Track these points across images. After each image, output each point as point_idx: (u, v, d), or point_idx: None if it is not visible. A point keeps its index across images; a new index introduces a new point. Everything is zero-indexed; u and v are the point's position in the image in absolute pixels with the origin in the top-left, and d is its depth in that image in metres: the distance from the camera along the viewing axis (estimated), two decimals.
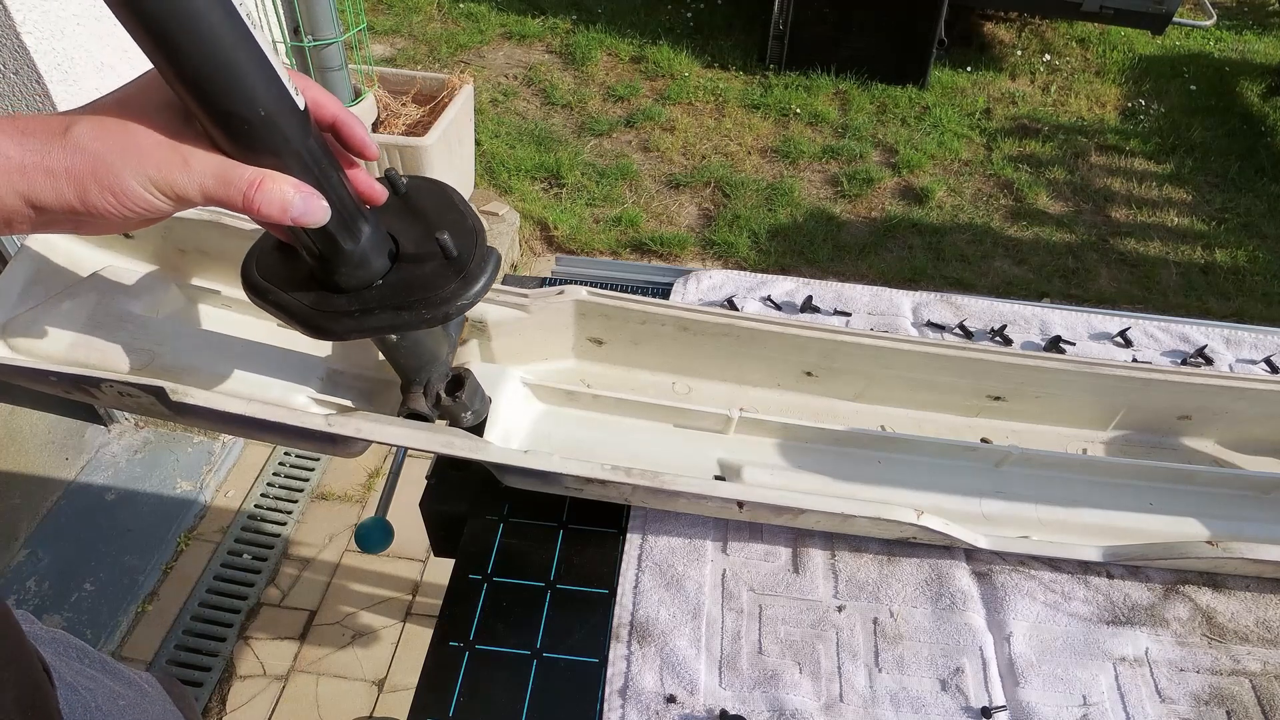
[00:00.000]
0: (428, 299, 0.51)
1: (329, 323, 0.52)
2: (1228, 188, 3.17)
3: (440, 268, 0.51)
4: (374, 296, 0.51)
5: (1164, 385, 0.79)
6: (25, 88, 1.44)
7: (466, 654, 0.63)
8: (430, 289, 0.51)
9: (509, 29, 3.84)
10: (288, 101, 0.42)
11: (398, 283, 0.52)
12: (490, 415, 0.70)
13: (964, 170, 3.16)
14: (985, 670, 0.63)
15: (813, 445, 0.77)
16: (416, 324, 0.51)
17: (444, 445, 0.62)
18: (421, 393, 0.64)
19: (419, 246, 0.53)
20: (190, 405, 0.58)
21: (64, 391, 0.63)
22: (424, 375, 0.65)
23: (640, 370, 0.83)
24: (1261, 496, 0.78)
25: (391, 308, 0.51)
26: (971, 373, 0.79)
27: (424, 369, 0.64)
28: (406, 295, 0.51)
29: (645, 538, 0.70)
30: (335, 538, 1.78)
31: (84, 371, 0.60)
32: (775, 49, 3.57)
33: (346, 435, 0.60)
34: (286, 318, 0.52)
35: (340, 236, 0.48)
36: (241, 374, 0.69)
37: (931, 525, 0.65)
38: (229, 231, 0.70)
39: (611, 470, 0.62)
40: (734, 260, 2.69)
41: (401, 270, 0.52)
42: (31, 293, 0.67)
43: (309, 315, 0.52)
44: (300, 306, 0.52)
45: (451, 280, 0.51)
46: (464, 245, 0.51)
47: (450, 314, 0.51)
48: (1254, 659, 0.66)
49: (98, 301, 0.69)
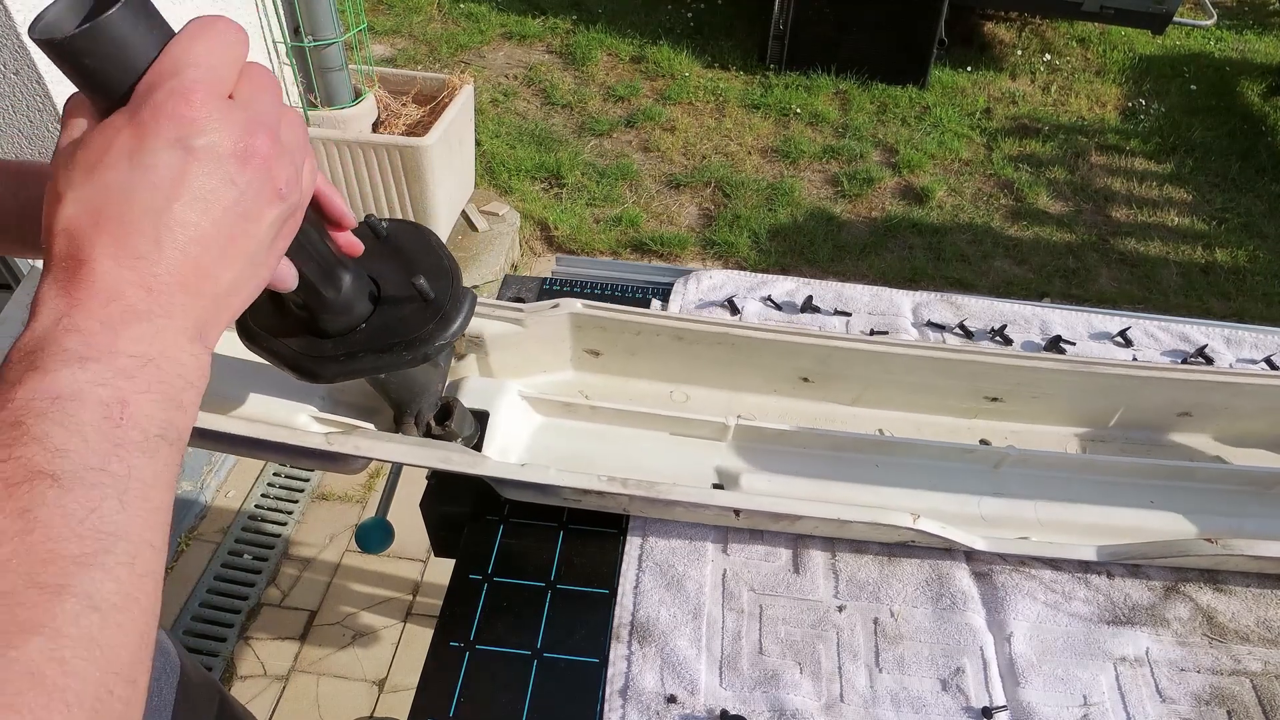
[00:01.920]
0: (407, 341, 0.53)
1: (317, 367, 0.54)
2: (1228, 188, 3.17)
3: (419, 310, 0.54)
4: (358, 340, 0.54)
5: (1161, 383, 0.79)
6: (25, 88, 1.44)
7: (467, 654, 0.63)
8: (409, 331, 0.54)
9: (509, 29, 3.84)
10: None
11: (379, 326, 0.54)
12: (489, 429, 0.71)
13: (964, 170, 3.16)
14: (986, 670, 0.63)
15: (810, 450, 0.77)
16: (398, 365, 0.54)
17: (442, 461, 0.63)
18: (413, 422, 0.67)
19: (399, 290, 0.55)
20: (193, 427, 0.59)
21: None
22: (414, 407, 0.67)
23: (638, 380, 0.83)
24: (1263, 492, 0.78)
25: (374, 350, 0.54)
26: (968, 374, 0.79)
27: (415, 401, 0.67)
28: (388, 338, 0.54)
29: (646, 538, 0.70)
30: (335, 538, 1.78)
31: None
32: (775, 49, 3.57)
33: (346, 453, 0.62)
34: (278, 362, 0.55)
35: (322, 287, 0.50)
36: (243, 395, 0.70)
37: (928, 529, 0.65)
38: None
39: (608, 481, 0.63)
40: (734, 260, 2.69)
41: (383, 313, 0.55)
42: None
43: (298, 360, 0.54)
44: (290, 352, 0.54)
45: (429, 321, 0.54)
46: (440, 287, 0.54)
47: (429, 354, 0.54)
48: (1255, 659, 0.66)
49: None
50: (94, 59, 0.33)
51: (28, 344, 0.32)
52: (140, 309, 0.33)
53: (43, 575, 0.27)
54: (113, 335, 0.32)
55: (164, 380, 0.34)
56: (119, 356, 0.32)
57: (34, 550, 0.28)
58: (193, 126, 0.33)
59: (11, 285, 1.79)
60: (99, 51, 0.33)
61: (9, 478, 0.28)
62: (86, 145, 0.34)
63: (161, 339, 0.34)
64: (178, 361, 0.35)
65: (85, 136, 0.34)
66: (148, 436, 0.33)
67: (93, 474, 0.30)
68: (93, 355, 0.32)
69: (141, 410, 0.32)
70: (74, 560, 0.28)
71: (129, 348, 0.33)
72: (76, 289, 0.32)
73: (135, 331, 0.33)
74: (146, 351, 0.33)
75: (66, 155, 0.34)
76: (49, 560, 0.28)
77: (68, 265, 0.33)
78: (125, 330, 0.33)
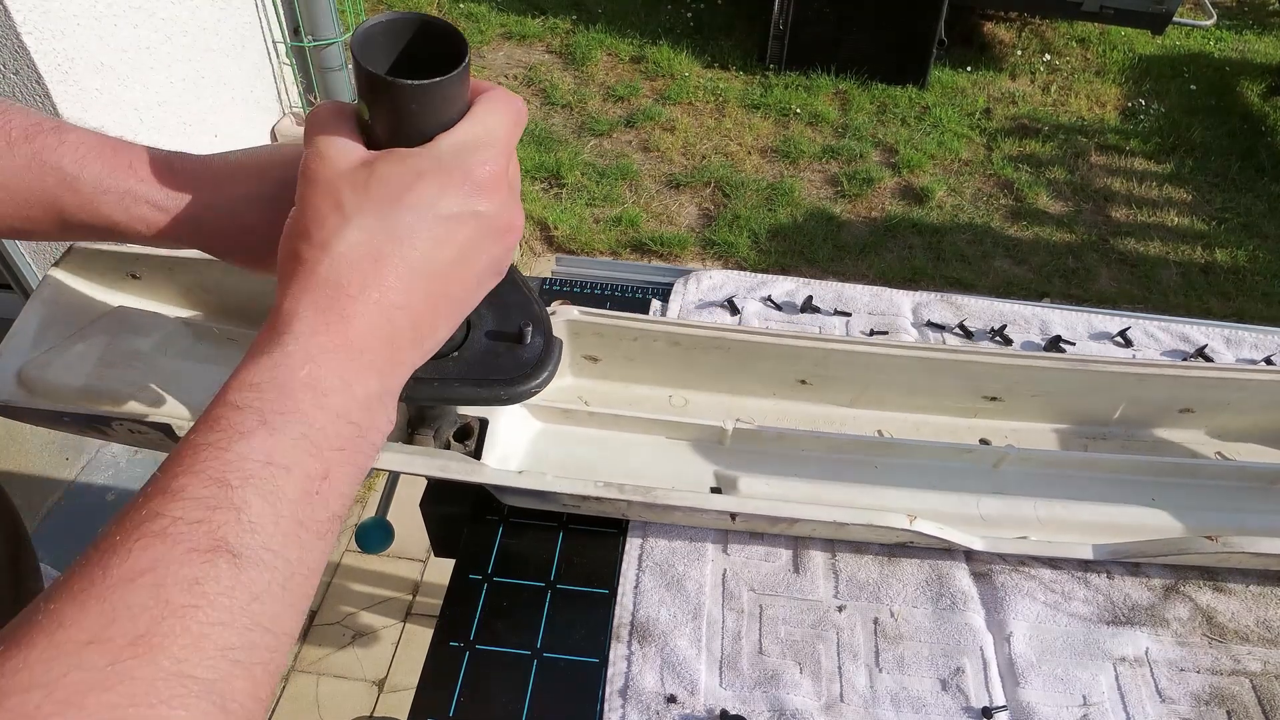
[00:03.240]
0: (504, 380, 0.54)
1: (410, 390, 0.54)
2: (1228, 187, 3.17)
3: (512, 350, 0.55)
4: (452, 369, 0.53)
5: (1161, 379, 0.79)
6: (25, 88, 1.44)
7: (466, 654, 0.63)
8: (505, 370, 0.54)
9: (509, 29, 3.84)
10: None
11: (474, 359, 0.54)
12: (488, 436, 0.71)
13: (964, 170, 3.16)
14: (986, 670, 0.63)
15: (809, 453, 0.77)
16: (491, 401, 0.54)
17: (440, 470, 0.63)
18: (431, 436, 0.67)
19: (490, 324, 0.56)
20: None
21: (77, 430, 0.65)
22: (437, 423, 0.68)
23: (637, 385, 0.83)
24: (1266, 488, 0.78)
25: (471, 383, 0.53)
26: (967, 374, 0.79)
27: (440, 417, 0.67)
28: (483, 372, 0.54)
29: (646, 538, 0.71)
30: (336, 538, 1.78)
31: (95, 411, 0.62)
32: (775, 49, 3.57)
33: None
34: None
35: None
36: None
37: (925, 530, 0.65)
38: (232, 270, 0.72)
39: (605, 487, 0.63)
40: (734, 260, 2.69)
41: (476, 346, 0.55)
42: (45, 336, 0.69)
43: None
44: None
45: (526, 366, 0.54)
46: (537, 334, 0.56)
47: (523, 396, 0.54)
48: (1254, 659, 0.66)
49: (109, 342, 0.70)
50: (420, 105, 0.33)
51: (268, 370, 0.28)
52: (377, 365, 0.31)
53: (190, 663, 0.25)
54: (348, 395, 0.30)
55: (364, 452, 0.31)
56: (342, 422, 0.30)
57: (189, 631, 0.25)
58: (484, 196, 0.34)
59: (11, 285, 1.79)
60: (430, 102, 0.33)
61: (197, 544, 0.26)
62: (385, 178, 0.32)
63: (380, 402, 0.31)
64: (379, 431, 0.32)
65: (380, 167, 0.33)
66: (332, 516, 0.30)
67: (269, 555, 0.27)
68: (321, 419, 0.29)
69: (336, 488, 0.30)
70: (224, 653, 0.26)
71: (357, 414, 0.30)
72: (335, 326, 0.30)
73: (364, 390, 0.30)
74: (365, 418, 0.31)
75: (358, 178, 0.32)
76: (200, 646, 0.25)
77: (334, 296, 0.30)
78: (359, 386, 0.30)
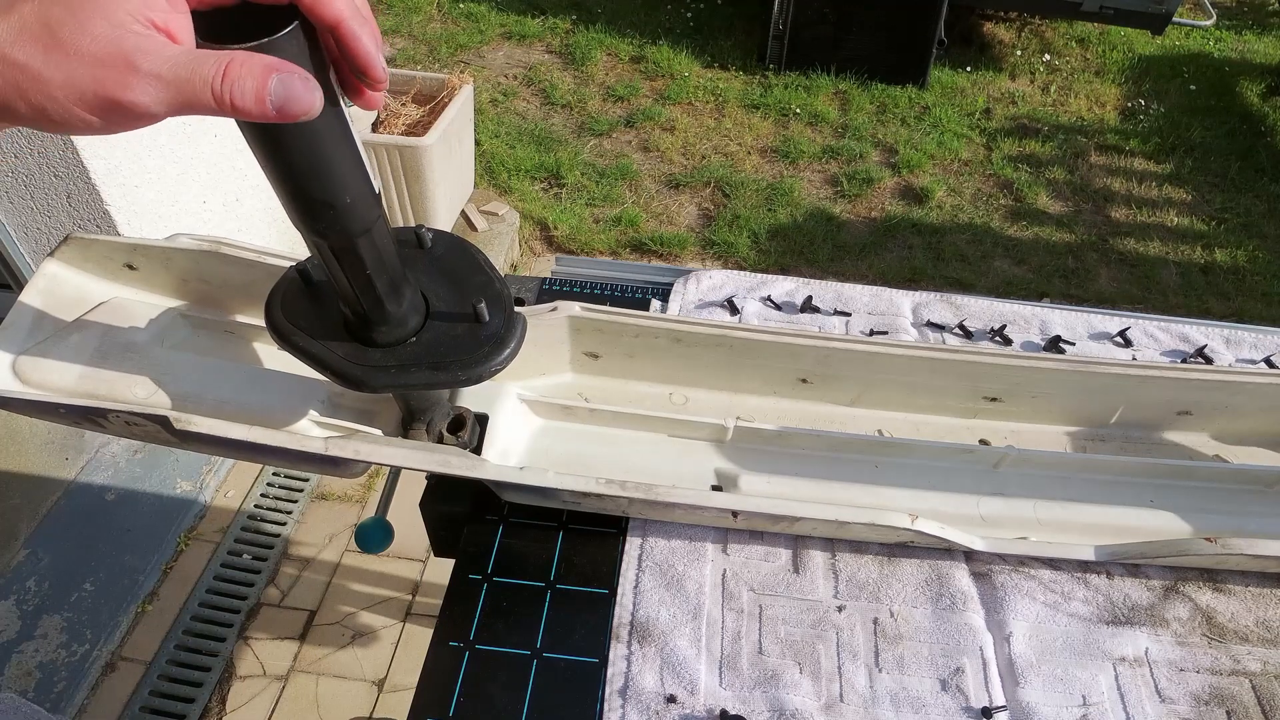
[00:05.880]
0: (462, 361, 0.53)
1: (367, 376, 0.53)
2: (1228, 188, 3.17)
3: (472, 330, 0.54)
4: (409, 354, 0.53)
5: (1161, 381, 0.79)
6: None
7: (466, 654, 0.63)
8: (464, 351, 0.53)
9: (509, 29, 3.84)
10: (369, 186, 0.44)
11: (432, 342, 0.54)
12: (489, 432, 0.71)
13: (964, 170, 3.16)
14: (985, 670, 0.63)
15: (810, 451, 0.77)
16: (451, 384, 0.54)
17: (441, 465, 0.63)
18: (424, 429, 0.67)
19: (450, 306, 0.55)
20: (194, 433, 0.59)
21: (73, 422, 0.65)
22: (428, 415, 0.67)
23: (637, 382, 0.83)
24: (1265, 490, 0.78)
25: (428, 366, 0.53)
26: (967, 375, 0.79)
27: (430, 409, 0.67)
28: (442, 355, 0.53)
29: (645, 538, 0.71)
30: (335, 538, 1.78)
31: (91, 403, 0.62)
32: (775, 49, 3.57)
33: (345, 458, 0.62)
34: (319, 367, 0.54)
35: (389, 301, 0.50)
36: (244, 399, 0.70)
37: (926, 529, 0.65)
38: (228, 260, 0.72)
39: (606, 484, 0.63)
40: (734, 260, 2.69)
41: (435, 329, 0.54)
42: (41, 327, 0.69)
43: (345, 368, 0.53)
44: (335, 359, 0.53)
45: (485, 344, 0.54)
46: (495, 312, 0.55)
47: (483, 376, 0.54)
48: (1254, 659, 0.66)
49: (104, 333, 0.70)
50: None
51: None
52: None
53: None
54: None
55: None
56: None
57: None
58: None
59: (11, 285, 1.79)
60: None
61: None
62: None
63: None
64: None
65: None
66: None
67: None
68: None
69: None
70: None
71: None
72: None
73: None
74: None
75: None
76: None
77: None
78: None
